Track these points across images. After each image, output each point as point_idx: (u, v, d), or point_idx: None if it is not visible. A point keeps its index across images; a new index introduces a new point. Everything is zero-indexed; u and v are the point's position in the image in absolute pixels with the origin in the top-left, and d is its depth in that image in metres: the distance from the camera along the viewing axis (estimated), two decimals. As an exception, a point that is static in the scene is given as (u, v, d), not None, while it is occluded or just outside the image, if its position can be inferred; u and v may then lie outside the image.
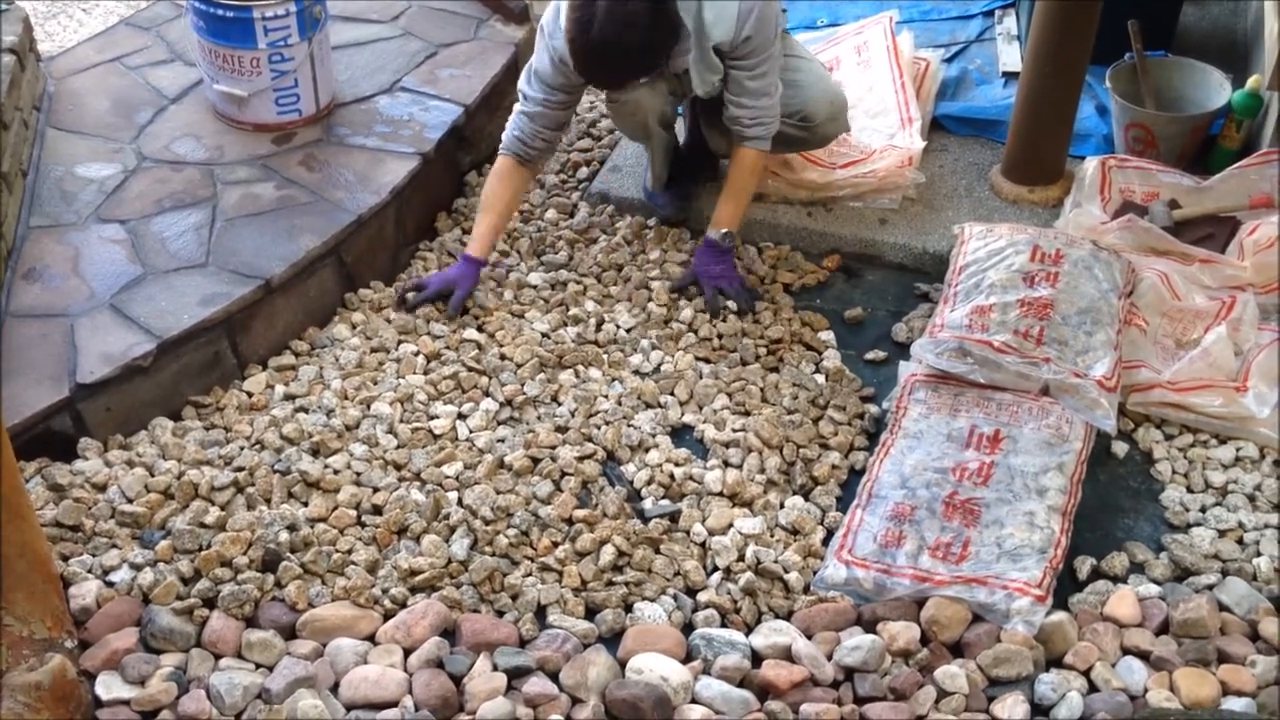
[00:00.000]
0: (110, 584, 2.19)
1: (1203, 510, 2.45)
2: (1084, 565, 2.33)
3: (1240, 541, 2.37)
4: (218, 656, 2.10)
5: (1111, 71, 3.29)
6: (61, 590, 2.11)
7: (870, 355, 2.85)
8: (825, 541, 2.39)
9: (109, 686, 2.03)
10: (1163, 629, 2.20)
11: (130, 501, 2.34)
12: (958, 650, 2.17)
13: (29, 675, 1.90)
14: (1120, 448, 2.58)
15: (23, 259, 2.75)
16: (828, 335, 2.89)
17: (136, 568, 2.21)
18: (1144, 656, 2.15)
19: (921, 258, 3.08)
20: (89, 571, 2.21)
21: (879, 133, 3.29)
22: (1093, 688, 2.11)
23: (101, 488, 2.38)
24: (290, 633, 2.15)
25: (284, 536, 2.26)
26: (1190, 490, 2.50)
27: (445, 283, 2.89)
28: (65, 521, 2.28)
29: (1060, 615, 2.18)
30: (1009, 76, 3.58)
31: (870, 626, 2.20)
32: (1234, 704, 2.05)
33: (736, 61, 2.75)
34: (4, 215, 2.75)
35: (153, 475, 2.41)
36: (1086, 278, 2.69)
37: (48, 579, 2.04)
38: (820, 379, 2.77)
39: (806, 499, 2.48)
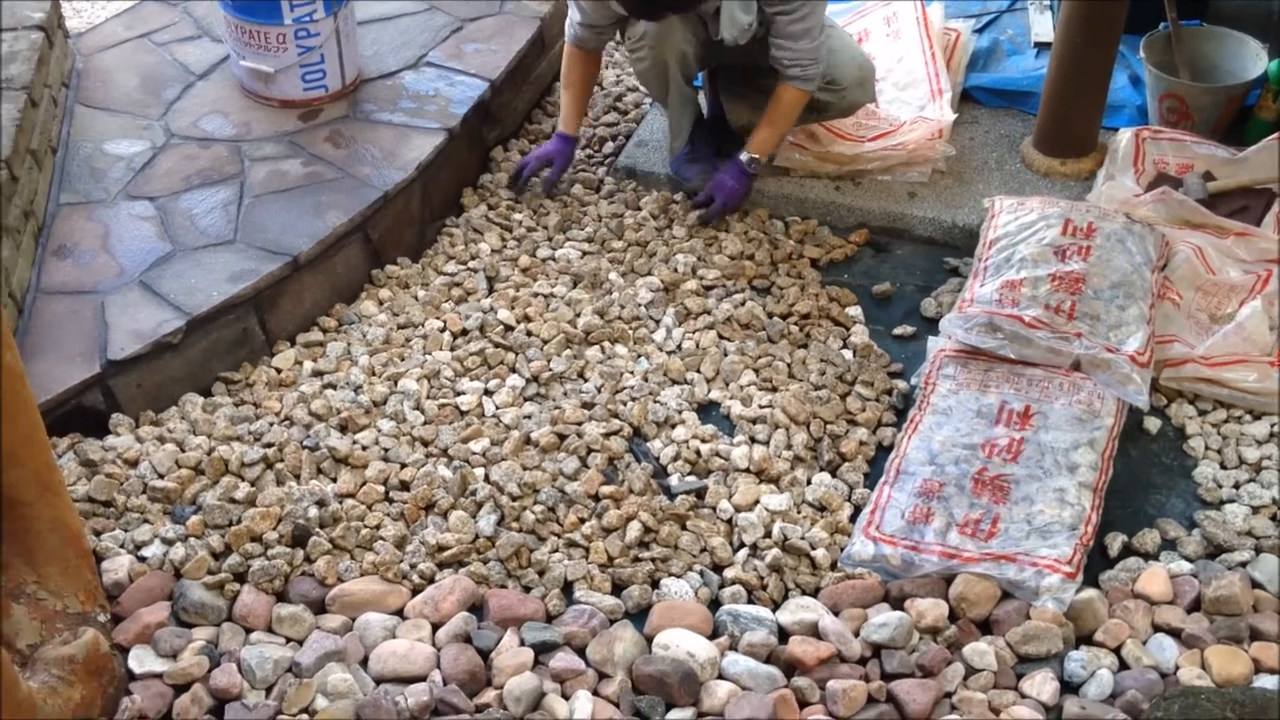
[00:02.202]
0: (142, 559, 2.21)
1: (1236, 486, 2.42)
2: (1115, 542, 2.31)
3: (1274, 518, 2.35)
4: (248, 630, 2.12)
5: (1145, 41, 3.24)
6: (94, 565, 2.13)
7: (898, 330, 2.82)
8: (852, 518, 2.38)
9: (141, 660, 2.05)
10: (1194, 606, 2.18)
11: (161, 477, 2.36)
12: (986, 627, 2.16)
13: (63, 648, 1.92)
14: (1153, 423, 2.56)
15: (53, 236, 2.77)
16: (855, 311, 2.87)
17: (168, 543, 2.23)
18: (1175, 634, 2.14)
19: (951, 231, 3.05)
20: (121, 546, 2.23)
21: (908, 105, 3.26)
22: (1123, 665, 2.10)
23: (133, 463, 2.40)
24: (320, 607, 2.17)
25: (313, 512, 2.27)
26: (1223, 466, 2.47)
27: (542, 159, 3.13)
28: (97, 497, 2.30)
29: (1091, 592, 2.17)
30: (1041, 47, 3.53)
31: (898, 603, 2.19)
32: (1266, 682, 2.04)
33: (777, 5, 2.79)
34: (34, 192, 2.76)
35: (183, 451, 2.42)
36: (1119, 251, 2.65)
37: (80, 554, 2.06)
38: (848, 355, 2.75)
39: (834, 475, 2.47)
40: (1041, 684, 2.04)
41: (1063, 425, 2.40)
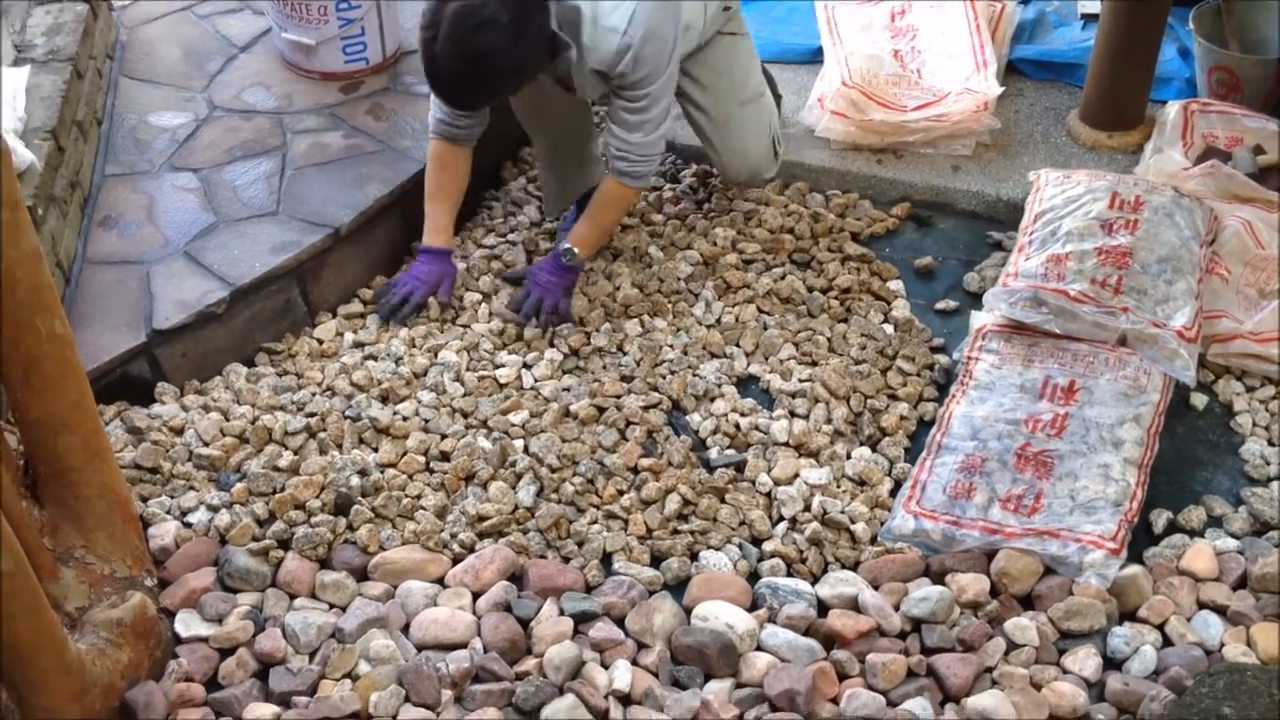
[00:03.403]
0: (188, 525, 2.24)
1: (1284, 464, 2.39)
2: (1160, 519, 2.29)
3: (1323, 496, 2.32)
4: (292, 596, 2.14)
5: (1195, 12, 3.18)
6: (141, 530, 2.16)
7: (940, 305, 2.80)
8: (893, 493, 2.37)
9: (188, 624, 2.08)
10: (1240, 584, 2.16)
11: (206, 445, 2.39)
12: (1028, 603, 2.15)
13: (111, 612, 1.95)
14: (1199, 400, 2.53)
15: (99, 207, 2.79)
16: (897, 285, 2.85)
17: (213, 509, 2.25)
18: (1220, 611, 2.12)
19: (995, 205, 3.01)
20: (167, 513, 2.25)
21: (953, 76, 3.21)
22: (1167, 642, 2.08)
23: (178, 431, 2.43)
24: (362, 574, 2.19)
25: (355, 481, 2.29)
26: (1271, 443, 2.44)
27: (429, 284, 2.70)
28: (144, 464, 2.33)
29: (1135, 569, 2.15)
30: (1088, 18, 3.48)
31: (938, 578, 2.18)
32: (1313, 661, 2.01)
33: (616, 89, 2.54)
34: (80, 163, 2.79)
35: (228, 420, 2.45)
36: (1167, 225, 2.61)
37: (128, 519, 2.09)
38: (889, 329, 2.73)
39: (874, 450, 2.46)
40: (1084, 659, 2.03)
41: (1108, 401, 2.37)
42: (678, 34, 2.52)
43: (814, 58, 3.44)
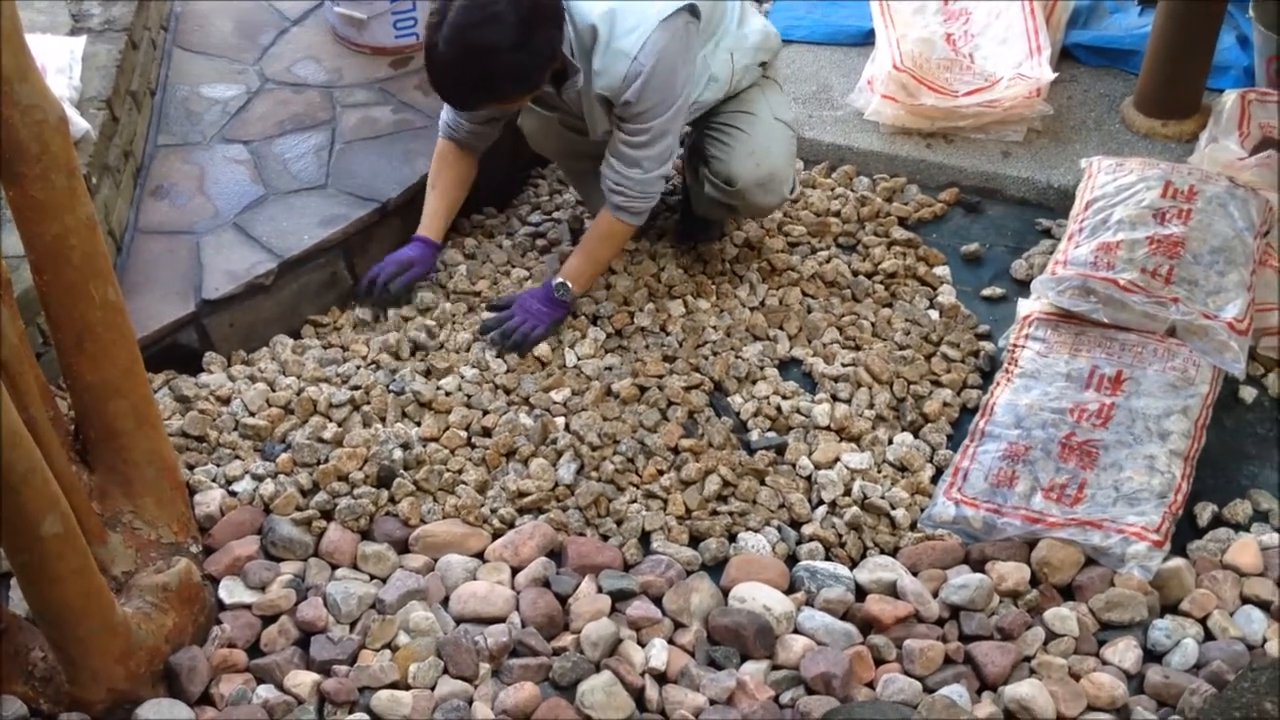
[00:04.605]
0: (233, 493, 2.27)
1: (1334, 460, 2.36)
2: (1205, 512, 2.26)
3: (1373, 494, 2.28)
4: (334, 566, 2.17)
5: (1255, 0, 3.12)
6: (187, 497, 2.19)
7: (987, 292, 2.78)
8: (934, 479, 2.35)
9: (231, 591, 2.11)
10: (1286, 579, 2.13)
11: (252, 415, 2.42)
12: (1068, 593, 2.14)
13: (157, 577, 1.98)
14: (1248, 393, 2.49)
15: (151, 176, 2.83)
16: (943, 270, 2.83)
17: (258, 479, 2.28)
18: (1264, 606, 2.09)
19: (1045, 192, 2.98)
20: (213, 481, 2.28)
21: (1006, 61, 3.17)
22: (1209, 636, 2.06)
23: (225, 401, 2.46)
24: (403, 547, 2.21)
25: (397, 454, 2.31)
26: (1322, 440, 2.41)
27: (401, 263, 2.66)
28: (191, 432, 2.37)
29: (1178, 561, 2.13)
30: (1145, 4, 3.42)
31: (978, 566, 2.17)
32: (1359, 660, 1.99)
33: (619, 120, 2.46)
34: (134, 133, 2.83)
35: (274, 390, 2.48)
36: (1221, 215, 2.57)
37: (175, 486, 2.12)
38: (934, 315, 2.71)
39: (916, 436, 2.45)
40: (1124, 651, 2.02)
41: (1155, 392, 2.35)
42: (690, 75, 2.43)
43: (865, 40, 3.41)
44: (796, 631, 2.07)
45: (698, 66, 2.48)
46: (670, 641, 2.06)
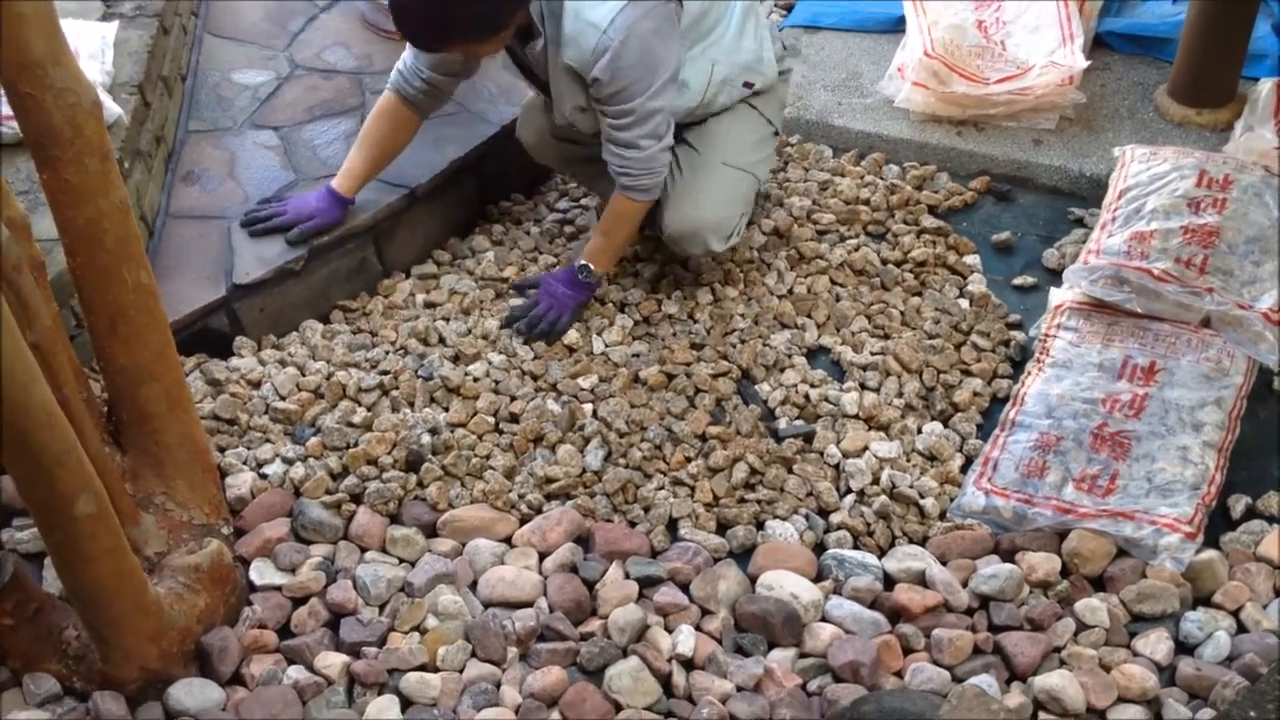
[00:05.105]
0: (264, 476, 2.28)
1: (1370, 453, 2.33)
2: (1238, 504, 2.24)
3: None
4: (363, 550, 2.18)
5: (1294, -13, 3.09)
6: (219, 480, 2.21)
7: (1018, 281, 2.76)
8: (963, 469, 2.34)
9: (262, 572, 2.12)
10: (1320, 573, 2.11)
11: (283, 399, 2.43)
12: (1099, 584, 2.12)
13: (189, 558, 1.99)
14: (1284, 384, 2.47)
15: (182, 162, 2.84)
16: (974, 259, 2.81)
17: (288, 462, 2.29)
18: (1298, 599, 2.07)
19: (1078, 181, 2.96)
20: (244, 463, 2.30)
21: (1038, 49, 3.15)
22: (1241, 628, 2.04)
23: (256, 384, 2.47)
24: (431, 531, 2.21)
25: (426, 439, 2.32)
26: (1358, 432, 2.38)
27: (299, 213, 2.60)
28: (222, 415, 2.38)
29: (1211, 553, 2.11)
30: (1179, -9, 3.39)
31: (1008, 556, 2.16)
32: (1394, 654, 1.97)
33: (598, 102, 2.39)
34: (165, 118, 2.84)
35: (304, 375, 2.49)
36: (1256, 205, 2.54)
37: (206, 468, 2.14)
38: (964, 304, 2.70)
39: (945, 425, 2.43)
40: (1155, 643, 2.00)
41: (1189, 382, 2.32)
42: (673, 56, 2.35)
43: (895, 26, 3.39)
44: (824, 620, 2.07)
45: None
46: (697, 628, 2.06)
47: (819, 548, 2.22)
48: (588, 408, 2.44)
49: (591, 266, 2.58)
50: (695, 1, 2.40)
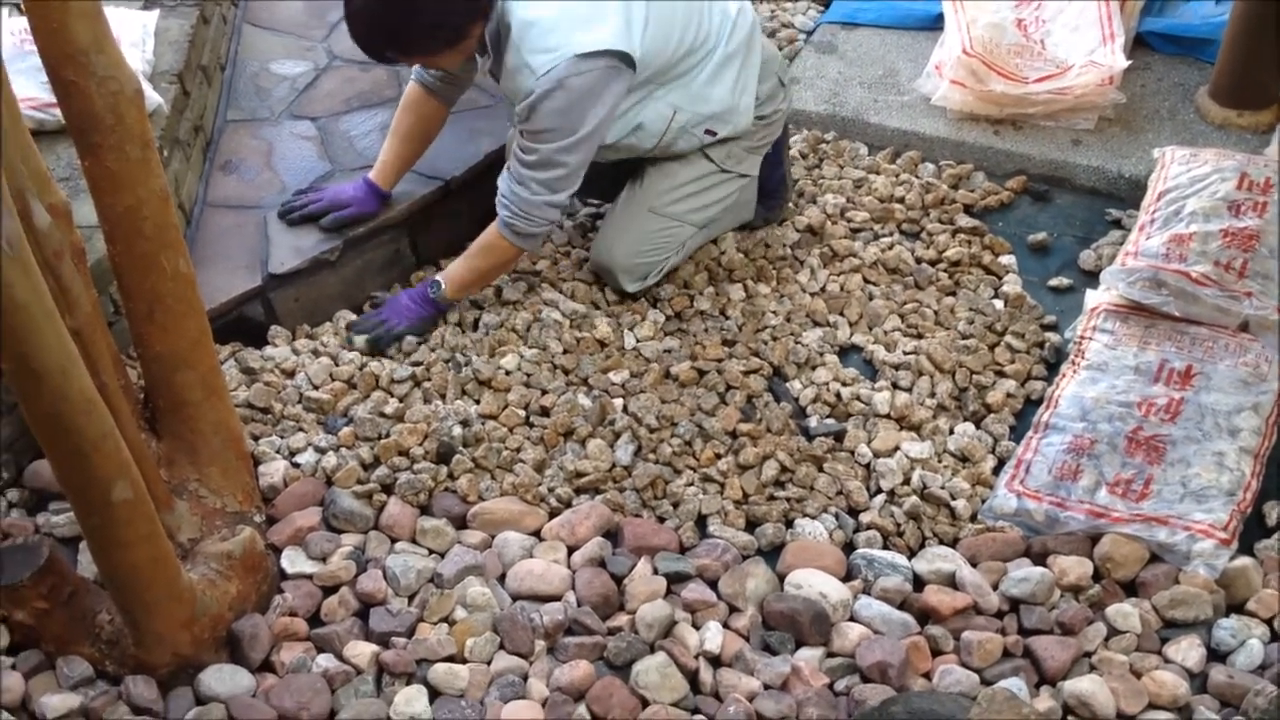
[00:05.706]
0: (296, 465, 2.29)
1: None
2: (1274, 511, 2.21)
3: None
4: (393, 540, 2.19)
5: (1341, -12, 3.04)
6: (252, 468, 2.22)
7: (1054, 282, 2.74)
8: (995, 471, 2.33)
9: (293, 561, 2.13)
10: (1357, 583, 2.09)
11: (316, 388, 2.44)
12: (1131, 590, 2.11)
13: (221, 544, 2.01)
14: (1323, 392, 2.43)
15: (220, 151, 2.86)
16: (1009, 260, 2.79)
17: (321, 451, 2.31)
18: (1334, 609, 2.05)
19: (1116, 182, 2.93)
20: (277, 452, 2.31)
21: (1078, 48, 3.12)
22: (1275, 636, 2.02)
23: (290, 374, 2.49)
24: (461, 523, 2.22)
25: (457, 431, 2.33)
26: (1398, 441, 2.34)
27: (336, 201, 2.63)
28: (256, 403, 2.40)
29: (1245, 560, 2.09)
30: (1222, -8, 3.35)
31: (1039, 559, 2.14)
32: None
33: (518, 122, 2.38)
34: (204, 108, 2.86)
35: (337, 365, 2.50)
36: (1298, 209, 2.52)
37: (240, 456, 2.15)
38: (999, 305, 2.68)
39: (978, 426, 2.42)
40: (1187, 650, 1.98)
41: (1226, 387, 2.30)
42: (603, 119, 2.33)
43: (933, 24, 3.37)
44: (853, 619, 2.06)
45: (629, 108, 2.41)
46: (725, 625, 2.06)
47: (848, 547, 2.21)
48: (618, 402, 2.44)
49: (443, 285, 2.54)
50: (672, 48, 2.39)
